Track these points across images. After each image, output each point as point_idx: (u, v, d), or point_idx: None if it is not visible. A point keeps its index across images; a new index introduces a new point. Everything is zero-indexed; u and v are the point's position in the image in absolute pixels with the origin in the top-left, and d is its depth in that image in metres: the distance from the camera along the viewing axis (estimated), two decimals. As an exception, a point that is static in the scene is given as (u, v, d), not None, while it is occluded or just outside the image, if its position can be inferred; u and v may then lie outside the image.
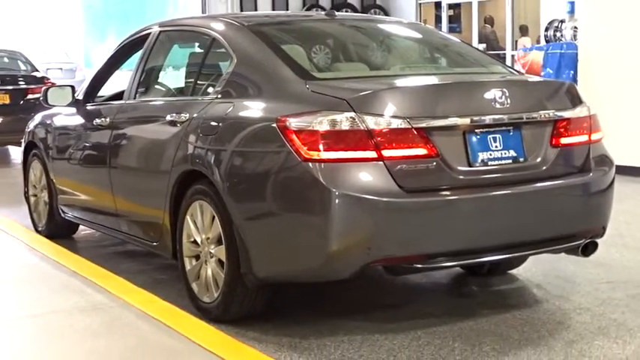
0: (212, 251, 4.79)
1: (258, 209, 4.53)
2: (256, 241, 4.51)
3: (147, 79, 6.09)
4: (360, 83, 4.74)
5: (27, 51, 21.40)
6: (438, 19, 19.86)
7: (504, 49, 17.66)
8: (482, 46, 17.56)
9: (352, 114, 4.22)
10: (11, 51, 14.70)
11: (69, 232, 7.22)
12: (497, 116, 4.49)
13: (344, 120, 4.22)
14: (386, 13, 19.72)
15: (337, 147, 4.20)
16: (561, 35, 15.41)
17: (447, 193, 4.34)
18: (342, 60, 5.54)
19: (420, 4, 19.54)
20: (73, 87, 6.74)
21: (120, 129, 5.91)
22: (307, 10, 19.12)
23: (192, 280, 4.98)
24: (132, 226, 5.82)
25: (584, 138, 4.81)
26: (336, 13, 5.80)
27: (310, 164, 4.19)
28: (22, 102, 12.67)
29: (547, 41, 15.66)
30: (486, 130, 4.48)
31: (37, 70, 13.76)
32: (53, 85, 12.18)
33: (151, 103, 5.96)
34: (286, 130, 4.30)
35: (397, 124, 4.24)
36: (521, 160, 4.57)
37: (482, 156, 4.45)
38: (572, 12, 15.27)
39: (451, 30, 19.01)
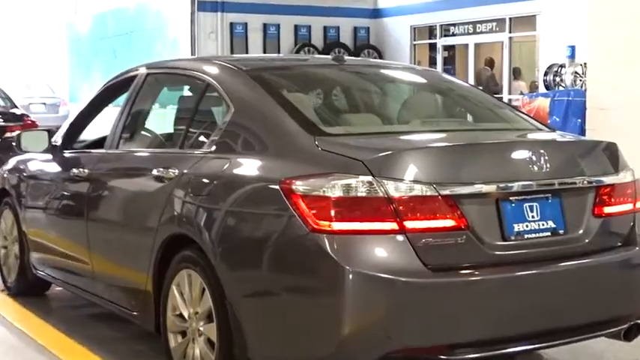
0: (201, 328, 4.15)
1: (256, 284, 3.89)
2: (253, 321, 3.88)
3: (132, 126, 5.47)
4: (378, 141, 4.13)
5: (8, 85, 20.83)
6: (432, 61, 19.44)
7: (500, 93, 17.17)
8: (478, 90, 16.97)
9: (370, 178, 3.60)
10: (-11, 86, 13.98)
11: (41, 290, 6.51)
12: (535, 182, 3.87)
13: (360, 185, 3.59)
14: (379, 54, 19.26)
15: (352, 216, 3.57)
16: (561, 80, 14.98)
17: (479, 271, 3.69)
18: (353, 112, 4.95)
19: (415, 45, 19.07)
20: (49, 131, 6.13)
21: (100, 182, 5.28)
22: (299, 49, 18.61)
23: (178, 359, 4.33)
24: (110, 291, 5.17)
25: (628, 206, 4.18)
26: (345, 57, 5.13)
27: (320, 236, 3.56)
28: (-1, 140, 11.98)
29: (546, 86, 15.23)
30: (522, 197, 3.85)
31: (16, 107, 13.08)
32: (31, 125, 11.56)
33: (135, 153, 5.31)
34: (292, 195, 3.67)
35: (422, 190, 3.61)
36: (561, 232, 3.94)
37: (518, 228, 3.82)
38: (572, 57, 14.85)
39: (445, 72, 18.54)
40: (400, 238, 3.57)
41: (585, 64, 13.43)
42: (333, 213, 3.57)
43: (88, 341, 5.27)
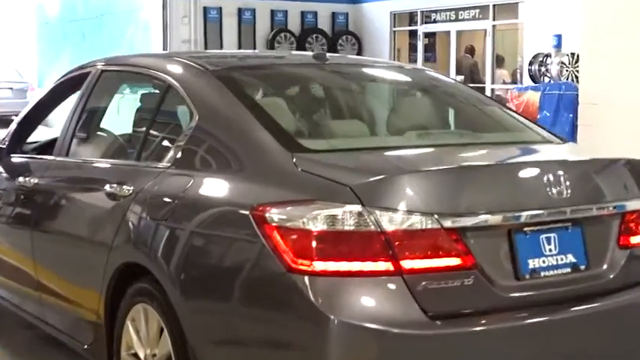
0: (159, 374, 3.52)
1: (222, 330, 3.27)
2: None
3: (83, 131, 4.73)
4: (367, 159, 3.49)
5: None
6: (412, 48, 18.79)
7: (483, 82, 16.57)
8: (460, 78, 16.64)
9: (359, 208, 2.94)
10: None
11: None
12: (553, 209, 3.25)
13: (348, 216, 2.94)
14: (358, 41, 18.57)
15: (338, 254, 2.93)
16: (546, 70, 14.43)
17: (489, 319, 3.05)
18: (337, 122, 4.27)
19: (395, 31, 18.41)
20: None
21: (47, 195, 4.62)
22: (275, 35, 17.88)
23: (133, 406, 3.71)
24: (59, 319, 4.50)
25: None
26: (327, 55, 4.46)
27: (299, 277, 2.92)
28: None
29: (531, 76, 14.69)
30: (538, 228, 3.23)
31: None
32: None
33: (86, 164, 4.56)
34: (265, 225, 3.03)
35: (421, 222, 2.97)
36: (582, 267, 3.31)
37: (534, 264, 3.20)
38: (558, 46, 14.29)
39: (426, 59, 17.97)
40: (396, 280, 2.94)
41: (572, 54, 12.93)
42: (314, 250, 2.93)
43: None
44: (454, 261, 3.00)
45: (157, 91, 4.30)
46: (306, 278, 2.91)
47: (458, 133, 4.35)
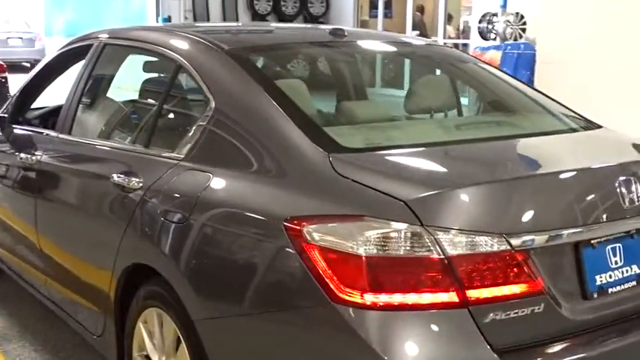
0: (177, 385, 2.62)
1: (251, 357, 2.36)
2: None
3: (86, 107, 3.73)
4: (419, 165, 2.48)
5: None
6: (372, 5, 17.68)
7: (428, 37, 15.61)
8: (415, 33, 15.72)
9: (417, 227, 2.05)
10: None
11: None
12: (626, 217, 2.38)
13: (404, 237, 2.04)
14: (327, 1, 17.33)
15: (394, 284, 2.04)
16: (493, 27, 13.56)
17: (560, 348, 2.17)
18: (369, 111, 3.21)
19: (359, -10, 17.25)
20: None
21: (49, 177, 3.60)
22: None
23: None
24: (68, 305, 3.55)
25: None
26: (345, 30, 3.31)
27: (345, 309, 2.03)
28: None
29: (480, 33, 13.81)
30: (605, 239, 2.35)
31: None
32: (0, 67, 9.67)
33: (89, 145, 3.49)
34: (303, 243, 2.12)
35: (490, 244, 2.08)
36: None
37: (600, 280, 2.32)
38: (504, 6, 13.41)
39: (385, 15, 16.93)
40: (461, 313, 2.05)
41: (517, 13, 12.15)
42: (366, 277, 2.03)
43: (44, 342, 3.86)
44: (523, 286, 2.12)
45: (166, 70, 3.25)
46: (355, 311, 2.03)
47: (495, 119, 3.27)
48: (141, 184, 2.83)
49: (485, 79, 3.46)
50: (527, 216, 2.20)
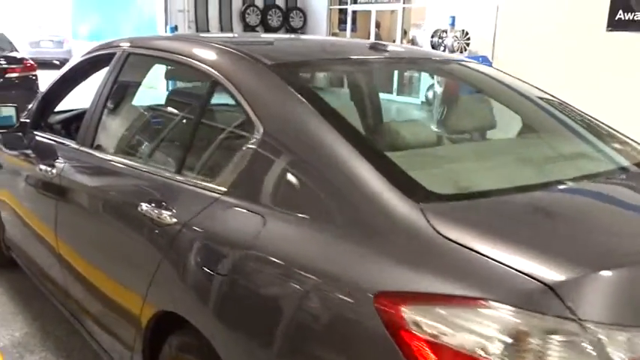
0: None
1: None
2: None
3: (109, 120, 2.97)
4: (548, 226, 1.54)
5: (23, 25, 18.42)
6: (340, 21, 18.10)
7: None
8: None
9: (575, 326, 1.24)
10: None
11: (16, 264, 3.93)
12: None
13: (557, 340, 1.23)
14: (305, 16, 17.69)
15: None
16: (443, 42, 14.19)
17: None
18: (445, 141, 2.38)
19: (331, 9, 17.61)
20: (16, 107, 3.72)
21: (68, 194, 2.88)
22: (246, 9, 16.82)
23: None
24: (93, 326, 2.80)
25: None
26: (387, 46, 2.58)
27: None
28: (0, 80, 9.90)
29: (432, 46, 14.39)
30: None
31: (16, 51, 10.87)
32: (29, 68, 9.65)
33: (113, 163, 2.68)
34: (404, 333, 1.34)
35: None
36: None
37: None
38: (453, 24, 14.03)
39: (352, 30, 17.35)
40: None
41: (463, 30, 12.88)
42: None
43: (63, 345, 3.29)
44: None
45: (200, 86, 2.43)
46: None
47: (575, 151, 2.26)
48: (175, 220, 2.07)
49: (539, 103, 2.61)
50: None
